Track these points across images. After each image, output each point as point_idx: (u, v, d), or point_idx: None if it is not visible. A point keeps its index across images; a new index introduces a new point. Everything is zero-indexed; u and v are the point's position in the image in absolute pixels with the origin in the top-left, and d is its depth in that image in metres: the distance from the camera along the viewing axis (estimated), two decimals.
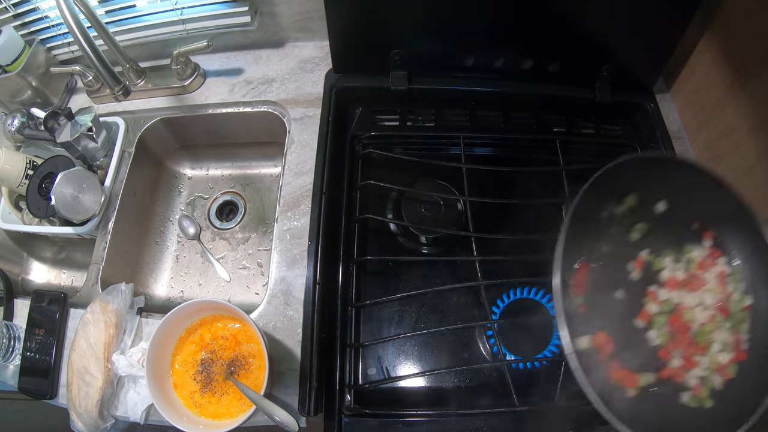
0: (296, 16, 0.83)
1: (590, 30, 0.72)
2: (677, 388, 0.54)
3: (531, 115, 0.83)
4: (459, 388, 0.67)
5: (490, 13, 0.70)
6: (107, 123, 0.83)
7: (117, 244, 0.79)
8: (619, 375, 0.53)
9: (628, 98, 0.81)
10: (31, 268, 0.92)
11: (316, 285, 0.66)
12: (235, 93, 0.85)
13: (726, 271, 0.58)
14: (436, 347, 0.69)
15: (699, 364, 0.54)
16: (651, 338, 0.56)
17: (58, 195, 0.70)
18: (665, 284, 0.58)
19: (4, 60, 0.79)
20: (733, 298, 0.57)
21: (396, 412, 0.64)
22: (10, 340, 0.69)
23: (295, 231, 0.73)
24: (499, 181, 0.81)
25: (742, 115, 0.66)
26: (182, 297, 0.88)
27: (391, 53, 0.75)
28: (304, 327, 0.65)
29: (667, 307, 0.56)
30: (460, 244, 0.75)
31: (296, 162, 0.78)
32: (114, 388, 0.64)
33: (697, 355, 0.54)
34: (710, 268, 0.58)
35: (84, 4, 0.68)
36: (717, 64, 0.71)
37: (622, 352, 0.54)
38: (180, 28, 0.83)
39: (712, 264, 0.58)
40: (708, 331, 0.55)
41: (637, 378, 0.54)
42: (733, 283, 0.57)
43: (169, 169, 0.96)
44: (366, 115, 0.82)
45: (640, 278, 0.58)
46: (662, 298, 0.57)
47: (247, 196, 0.95)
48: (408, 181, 0.77)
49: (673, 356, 0.55)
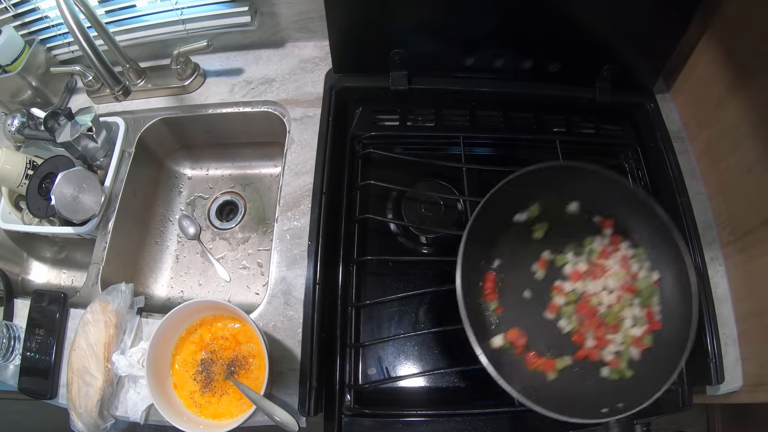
0: (296, 16, 0.83)
1: (590, 30, 0.72)
2: (596, 366, 0.61)
3: (531, 115, 0.83)
4: (459, 388, 0.67)
5: (490, 13, 0.70)
6: (107, 123, 0.83)
7: (117, 244, 0.79)
8: (537, 363, 0.60)
9: (628, 98, 0.81)
10: (31, 268, 0.92)
11: (316, 285, 0.66)
12: (235, 93, 0.85)
13: (629, 254, 0.64)
14: (436, 347, 0.69)
15: (613, 341, 0.61)
16: (562, 326, 0.62)
17: (58, 195, 0.70)
18: (570, 277, 0.64)
19: (4, 60, 0.80)
20: (640, 276, 0.63)
21: (396, 412, 0.65)
22: (10, 340, 0.69)
23: (295, 231, 0.73)
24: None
25: (742, 115, 0.66)
26: (182, 297, 0.88)
27: (391, 53, 0.75)
28: (304, 327, 0.65)
29: (573, 297, 0.63)
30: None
31: (296, 162, 0.78)
32: (114, 388, 0.64)
33: (609, 333, 0.61)
34: (613, 254, 0.64)
35: (84, 4, 0.68)
36: (717, 64, 0.71)
37: (537, 343, 0.61)
38: (180, 28, 0.83)
39: (614, 250, 0.65)
40: (616, 311, 0.62)
41: (554, 363, 0.60)
42: (638, 263, 0.63)
43: (169, 169, 0.96)
44: (366, 115, 0.82)
45: (545, 276, 0.65)
46: (567, 290, 0.63)
47: (247, 196, 0.95)
48: (408, 181, 0.77)
49: (587, 338, 0.61)
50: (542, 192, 0.65)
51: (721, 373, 0.65)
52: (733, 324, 0.69)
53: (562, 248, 0.65)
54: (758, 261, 0.65)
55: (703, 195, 0.76)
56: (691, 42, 0.75)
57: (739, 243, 0.69)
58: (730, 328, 0.69)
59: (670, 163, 0.75)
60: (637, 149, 0.82)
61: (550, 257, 0.65)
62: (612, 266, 0.64)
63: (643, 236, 0.64)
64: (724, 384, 0.65)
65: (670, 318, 0.61)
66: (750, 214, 0.66)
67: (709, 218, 0.75)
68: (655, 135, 0.78)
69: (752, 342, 0.66)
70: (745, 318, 0.68)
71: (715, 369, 0.65)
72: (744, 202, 0.68)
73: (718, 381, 0.65)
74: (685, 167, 0.76)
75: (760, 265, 0.65)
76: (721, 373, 0.65)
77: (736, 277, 0.70)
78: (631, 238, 0.65)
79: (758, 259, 0.65)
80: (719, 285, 0.71)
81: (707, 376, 0.65)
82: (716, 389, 0.66)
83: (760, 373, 0.65)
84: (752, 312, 0.66)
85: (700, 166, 0.78)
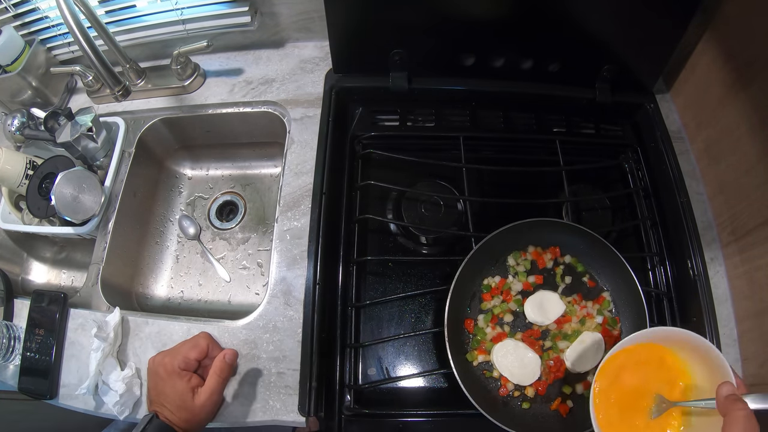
0: (296, 16, 0.83)
1: (590, 30, 0.72)
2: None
3: (531, 115, 0.83)
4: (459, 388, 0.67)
5: (490, 13, 0.70)
6: (107, 123, 0.83)
7: (117, 244, 0.79)
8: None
9: (628, 98, 0.81)
10: (31, 268, 0.92)
11: (316, 285, 0.66)
12: (235, 93, 0.85)
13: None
14: (436, 347, 0.69)
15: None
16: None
17: (58, 195, 0.70)
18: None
19: (4, 60, 0.80)
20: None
21: (396, 412, 0.65)
22: (10, 340, 0.69)
23: (295, 231, 0.73)
24: (499, 181, 0.81)
25: (742, 115, 0.66)
26: (182, 297, 0.88)
27: (391, 53, 0.75)
28: (304, 327, 0.65)
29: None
30: (460, 244, 0.75)
31: (296, 162, 0.78)
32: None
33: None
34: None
35: (84, 4, 0.68)
36: (717, 64, 0.71)
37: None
38: (180, 28, 0.83)
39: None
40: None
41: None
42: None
43: (169, 169, 0.96)
44: (366, 115, 0.82)
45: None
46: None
47: (247, 196, 0.95)
48: (408, 182, 0.77)
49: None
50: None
51: None
52: (733, 324, 0.69)
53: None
54: (758, 261, 0.65)
55: (703, 195, 0.76)
56: (691, 42, 0.75)
57: (739, 243, 0.69)
58: (730, 328, 0.69)
59: (670, 163, 0.75)
60: (637, 149, 0.82)
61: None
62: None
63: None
64: None
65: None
66: (750, 214, 0.66)
67: (709, 218, 0.75)
68: (655, 135, 0.78)
69: (752, 342, 0.66)
70: (745, 318, 0.68)
71: None
72: (744, 202, 0.68)
73: None
74: (685, 167, 0.76)
75: (761, 266, 0.65)
76: None
77: (736, 277, 0.70)
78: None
79: (758, 259, 0.65)
80: (719, 285, 0.71)
81: None
82: None
83: (760, 373, 0.65)
84: (752, 312, 0.66)
85: (700, 166, 0.78)
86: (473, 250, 0.64)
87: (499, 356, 0.63)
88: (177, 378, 0.58)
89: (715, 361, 0.48)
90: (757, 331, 0.65)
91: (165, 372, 0.59)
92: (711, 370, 0.48)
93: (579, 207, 0.78)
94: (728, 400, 0.44)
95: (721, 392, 0.45)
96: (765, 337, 0.64)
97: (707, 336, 0.65)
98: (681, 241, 0.71)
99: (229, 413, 0.63)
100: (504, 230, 0.64)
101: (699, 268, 0.69)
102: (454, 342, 0.60)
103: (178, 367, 0.59)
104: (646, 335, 0.51)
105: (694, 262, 0.69)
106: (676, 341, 0.52)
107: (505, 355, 0.63)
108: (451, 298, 0.62)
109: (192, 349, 0.60)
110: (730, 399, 0.44)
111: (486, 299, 0.66)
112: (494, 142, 0.82)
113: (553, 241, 0.68)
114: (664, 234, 0.75)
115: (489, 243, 0.64)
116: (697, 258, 0.69)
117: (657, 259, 0.74)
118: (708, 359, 0.49)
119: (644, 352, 0.53)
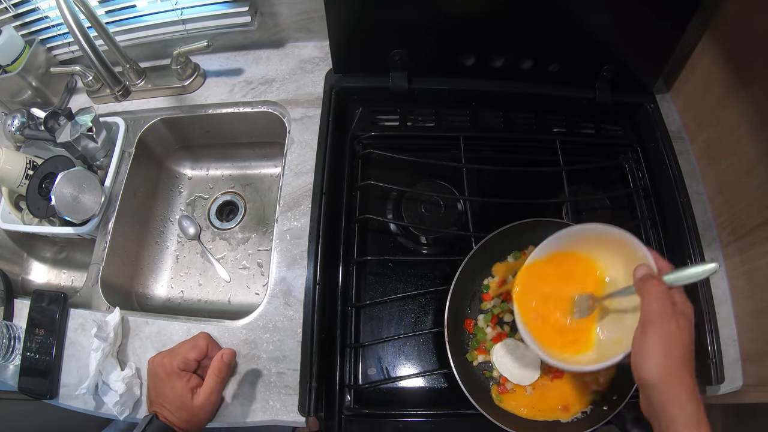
0: (296, 16, 0.83)
1: (590, 30, 0.72)
2: None
3: (531, 115, 0.83)
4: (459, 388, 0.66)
5: (490, 13, 0.70)
6: (107, 123, 0.83)
7: (117, 244, 0.79)
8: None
9: (628, 98, 0.81)
10: (31, 268, 0.92)
11: (316, 285, 0.66)
12: (235, 93, 0.85)
13: None
14: (436, 347, 0.69)
15: None
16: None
17: (58, 195, 0.70)
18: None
19: (4, 60, 0.79)
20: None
21: (396, 412, 0.65)
22: (10, 340, 0.69)
23: (295, 231, 0.73)
24: (499, 181, 0.81)
25: (742, 115, 0.66)
26: (182, 297, 0.88)
27: (391, 53, 0.75)
28: (304, 327, 0.65)
29: None
30: (460, 244, 0.75)
31: (296, 162, 0.78)
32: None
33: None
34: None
35: (84, 4, 0.68)
36: (717, 64, 0.71)
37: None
38: (180, 28, 0.83)
39: None
40: None
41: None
42: None
43: (169, 169, 0.96)
44: (366, 115, 0.82)
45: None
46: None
47: (247, 196, 0.95)
48: (408, 182, 0.77)
49: None
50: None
51: (721, 373, 0.65)
52: (733, 324, 0.69)
53: None
54: (758, 261, 0.65)
55: (703, 195, 0.76)
56: (691, 42, 0.75)
57: (739, 243, 0.69)
58: (730, 328, 0.69)
59: (670, 163, 0.75)
60: (637, 149, 0.82)
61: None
62: None
63: None
64: (724, 384, 0.65)
65: None
66: (750, 214, 0.66)
67: (709, 218, 0.75)
68: (655, 135, 0.78)
69: (752, 342, 0.66)
70: (745, 318, 0.68)
71: (715, 369, 0.65)
72: (744, 202, 0.68)
73: (718, 381, 0.65)
74: (685, 167, 0.76)
75: (761, 266, 0.65)
76: (721, 373, 0.65)
77: (736, 277, 0.70)
78: None
79: (758, 259, 0.65)
80: (719, 285, 0.71)
81: (707, 377, 0.65)
82: (716, 389, 0.66)
83: (760, 373, 0.65)
84: (752, 312, 0.66)
85: (700, 166, 0.78)
86: (473, 250, 0.64)
87: (499, 356, 0.63)
88: (176, 378, 0.58)
89: (631, 250, 0.48)
90: (757, 331, 0.65)
91: (164, 372, 0.59)
92: (631, 261, 0.48)
93: (579, 207, 0.78)
94: (643, 280, 0.44)
95: (636, 274, 0.45)
96: (765, 337, 0.64)
97: (707, 336, 0.66)
98: (681, 241, 0.71)
99: (229, 413, 0.63)
100: (504, 230, 0.64)
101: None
102: (454, 342, 0.61)
103: (177, 367, 0.59)
104: (558, 238, 0.53)
105: (694, 262, 0.69)
106: (590, 243, 0.54)
107: (505, 355, 0.63)
108: (451, 298, 0.62)
109: (191, 349, 0.60)
110: (645, 278, 0.44)
111: (486, 299, 0.66)
112: (494, 142, 0.82)
113: None
114: (664, 234, 0.75)
115: (489, 243, 0.64)
116: (697, 258, 0.69)
117: None
118: (625, 251, 0.50)
119: (559, 260, 0.55)
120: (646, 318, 0.42)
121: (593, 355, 0.51)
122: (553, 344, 0.52)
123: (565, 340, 0.53)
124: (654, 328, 0.41)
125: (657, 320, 0.41)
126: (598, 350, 0.51)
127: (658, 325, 0.41)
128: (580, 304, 0.53)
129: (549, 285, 0.55)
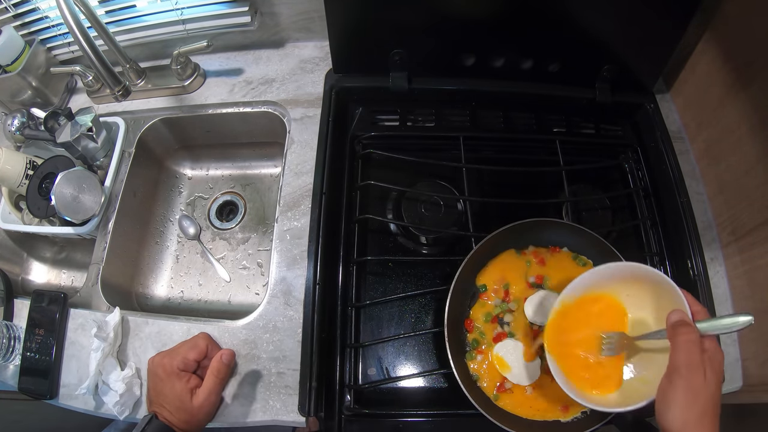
0: (296, 16, 0.83)
1: (590, 30, 0.72)
2: None
3: (531, 115, 0.83)
4: (459, 388, 0.66)
5: (490, 13, 0.70)
6: (107, 123, 0.83)
7: (117, 244, 0.79)
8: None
9: (628, 98, 0.81)
10: (31, 268, 0.92)
11: (316, 285, 0.66)
12: (235, 93, 0.85)
13: None
14: (436, 347, 0.69)
15: None
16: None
17: (58, 195, 0.70)
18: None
19: (4, 60, 0.79)
20: None
21: (396, 412, 0.65)
22: (10, 340, 0.69)
23: (295, 231, 0.73)
24: (499, 180, 0.81)
25: (742, 115, 0.66)
26: (182, 297, 0.88)
27: (391, 53, 0.75)
28: (304, 327, 0.65)
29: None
30: (460, 244, 0.75)
31: (296, 162, 0.78)
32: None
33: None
34: None
35: (84, 4, 0.68)
36: (717, 64, 0.71)
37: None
38: (180, 28, 0.83)
39: None
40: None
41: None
42: None
43: (169, 169, 0.96)
44: (366, 115, 0.82)
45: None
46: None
47: (247, 196, 0.95)
48: (408, 181, 0.77)
49: None
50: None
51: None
52: None
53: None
54: (758, 261, 0.65)
55: (703, 195, 0.76)
56: (691, 42, 0.75)
57: (739, 243, 0.69)
58: None
59: (670, 163, 0.75)
60: (637, 149, 0.82)
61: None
62: None
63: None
64: (724, 384, 0.65)
65: None
66: (750, 214, 0.66)
67: (709, 218, 0.75)
68: (655, 135, 0.78)
69: (752, 342, 0.66)
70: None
71: None
72: (744, 202, 0.68)
73: None
74: (685, 167, 0.76)
75: (761, 266, 0.65)
76: None
77: (736, 277, 0.70)
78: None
79: (758, 259, 0.65)
80: (719, 285, 0.71)
81: None
82: None
83: (760, 373, 0.65)
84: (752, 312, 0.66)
85: (700, 166, 0.78)
86: (473, 250, 0.64)
87: (499, 356, 0.63)
88: (176, 379, 0.58)
89: (666, 291, 0.47)
90: (757, 331, 0.65)
91: (164, 373, 0.59)
92: (663, 301, 0.48)
93: (579, 207, 0.78)
94: (675, 327, 0.43)
95: (670, 319, 0.45)
96: (765, 337, 0.64)
97: None
98: (681, 241, 0.71)
99: (229, 413, 0.63)
100: (504, 230, 0.64)
101: (699, 268, 0.69)
102: (454, 342, 0.60)
103: (177, 367, 0.59)
104: (590, 278, 0.53)
105: (694, 262, 0.69)
106: (622, 281, 0.53)
107: (505, 355, 0.63)
108: (451, 298, 0.62)
109: (191, 349, 0.60)
110: (677, 324, 0.43)
111: (486, 299, 0.66)
112: (494, 142, 0.82)
113: (553, 241, 0.68)
114: (664, 234, 0.75)
115: (489, 243, 0.64)
116: (697, 258, 0.70)
117: (657, 259, 0.74)
118: (658, 290, 0.49)
119: (591, 298, 0.55)
120: (673, 367, 0.42)
121: (620, 393, 0.51)
122: (580, 379, 0.52)
123: (592, 374, 0.53)
124: (680, 379, 0.41)
125: (684, 371, 0.41)
126: (626, 388, 0.51)
127: (684, 377, 0.41)
128: (610, 342, 0.52)
129: (579, 323, 0.54)
